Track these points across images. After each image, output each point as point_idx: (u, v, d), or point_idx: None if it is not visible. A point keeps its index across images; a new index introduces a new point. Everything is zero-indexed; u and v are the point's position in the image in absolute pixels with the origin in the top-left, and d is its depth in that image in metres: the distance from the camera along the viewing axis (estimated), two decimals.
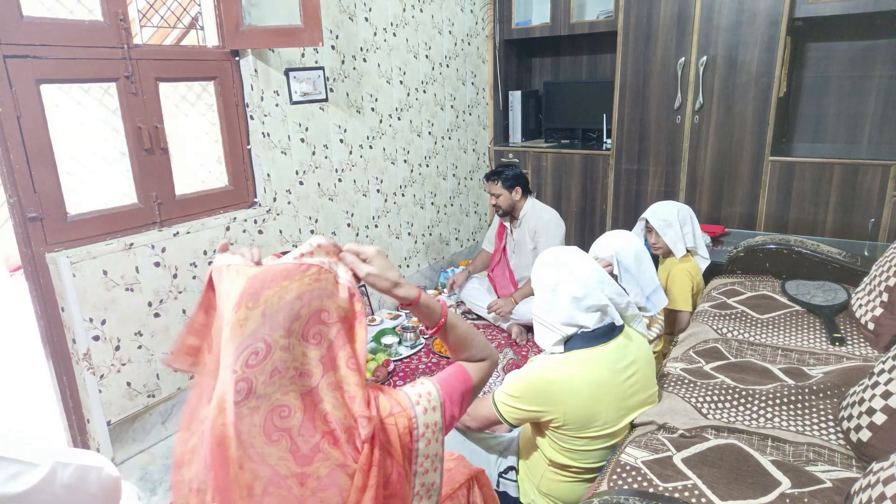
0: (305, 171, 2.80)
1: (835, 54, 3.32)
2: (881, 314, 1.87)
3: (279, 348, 0.85)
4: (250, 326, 0.84)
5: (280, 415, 0.86)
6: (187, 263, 2.30)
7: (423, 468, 1.03)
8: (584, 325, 1.46)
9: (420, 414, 1.01)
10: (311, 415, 0.88)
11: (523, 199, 3.13)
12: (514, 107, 4.21)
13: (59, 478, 0.95)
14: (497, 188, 3.07)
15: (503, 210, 3.12)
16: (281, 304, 0.85)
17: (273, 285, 0.86)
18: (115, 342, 2.09)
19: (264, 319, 0.84)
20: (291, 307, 0.86)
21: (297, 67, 2.67)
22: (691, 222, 2.50)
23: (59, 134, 2.00)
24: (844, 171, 3.01)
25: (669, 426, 1.47)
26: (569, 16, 3.76)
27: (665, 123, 3.46)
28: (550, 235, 3.03)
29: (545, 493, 1.59)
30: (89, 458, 1.04)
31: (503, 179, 3.05)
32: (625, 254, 1.93)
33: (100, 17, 2.04)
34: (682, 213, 2.49)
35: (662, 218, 2.47)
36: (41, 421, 2.38)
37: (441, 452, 1.05)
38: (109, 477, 1.06)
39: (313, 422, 0.88)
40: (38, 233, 1.94)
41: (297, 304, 0.86)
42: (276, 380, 0.85)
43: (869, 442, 1.32)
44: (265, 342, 0.84)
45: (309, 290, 0.88)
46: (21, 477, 0.91)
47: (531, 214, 3.10)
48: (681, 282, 2.45)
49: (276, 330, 0.85)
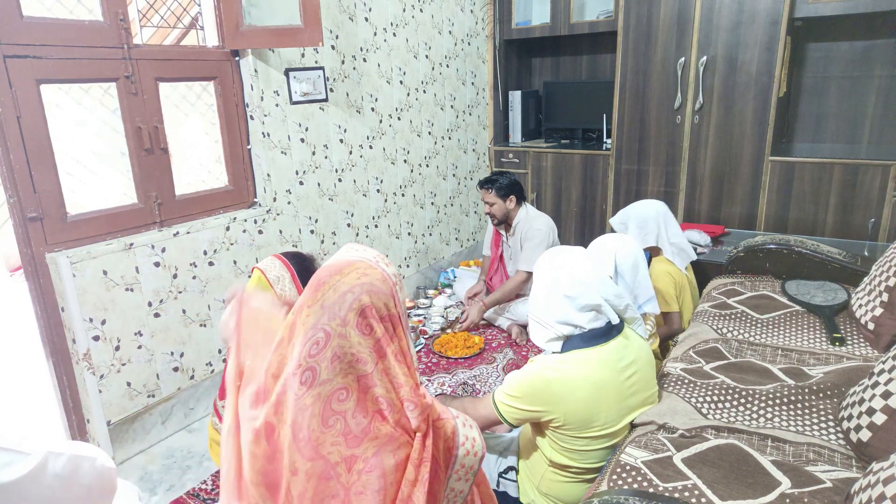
0: (305, 172, 2.80)
1: (835, 54, 3.32)
2: (881, 314, 1.87)
3: (336, 336, 0.96)
4: (312, 320, 0.97)
5: (338, 398, 0.96)
6: (187, 263, 2.30)
7: (457, 475, 1.10)
8: (578, 324, 1.46)
9: (460, 426, 1.11)
10: (363, 398, 0.98)
11: (517, 208, 3.08)
12: (514, 107, 4.21)
13: (52, 467, 0.94)
14: (491, 197, 3.03)
15: (497, 219, 3.08)
16: (335, 296, 0.98)
17: (328, 279, 1.00)
18: (115, 342, 2.09)
19: (322, 311, 0.97)
20: (344, 299, 0.97)
21: (297, 67, 2.67)
22: (657, 223, 2.50)
23: (59, 134, 2.00)
24: (844, 171, 3.01)
25: (669, 426, 1.47)
26: (569, 16, 3.76)
27: (665, 123, 3.46)
28: (535, 242, 2.97)
29: (545, 493, 1.59)
30: (83, 448, 1.03)
31: (497, 188, 3.01)
32: (622, 258, 1.92)
33: (100, 17, 2.04)
34: (642, 213, 2.51)
35: (619, 220, 2.57)
36: (41, 421, 2.38)
37: (477, 468, 1.12)
38: (104, 467, 1.04)
39: (365, 404, 0.98)
40: (38, 233, 1.94)
41: (350, 297, 0.98)
42: (336, 365, 0.96)
43: (869, 442, 1.32)
44: (324, 331, 0.96)
45: (359, 284, 0.99)
46: (12, 466, 0.90)
47: (525, 222, 3.06)
48: (664, 283, 2.46)
49: (333, 319, 0.96)
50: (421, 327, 3.17)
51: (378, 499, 0.97)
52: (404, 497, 0.98)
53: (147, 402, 2.22)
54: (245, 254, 2.53)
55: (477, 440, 1.12)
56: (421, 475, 1.00)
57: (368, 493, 0.97)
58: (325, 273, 1.01)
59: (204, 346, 2.40)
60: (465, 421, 1.13)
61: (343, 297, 0.97)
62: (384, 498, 0.97)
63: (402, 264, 3.60)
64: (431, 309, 3.43)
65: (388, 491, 0.98)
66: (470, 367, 2.79)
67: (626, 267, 1.92)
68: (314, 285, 1.01)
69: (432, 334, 3.13)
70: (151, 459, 2.20)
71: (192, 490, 2.01)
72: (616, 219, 2.59)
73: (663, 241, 2.52)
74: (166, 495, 2.00)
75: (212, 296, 2.41)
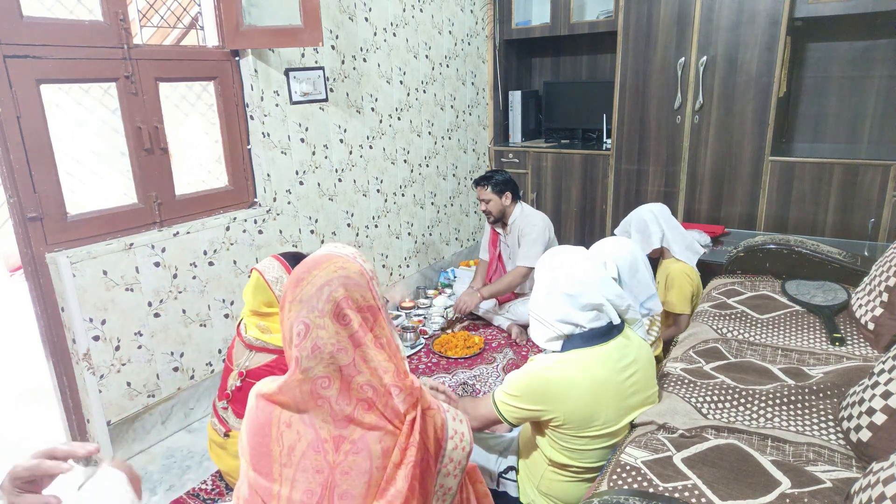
0: (305, 171, 2.80)
1: (835, 54, 3.32)
2: (881, 314, 1.87)
3: (315, 327, 1.00)
4: (293, 314, 1.02)
5: (321, 385, 1.01)
6: (187, 263, 2.30)
7: (445, 469, 1.11)
8: (579, 323, 1.46)
9: (449, 420, 1.13)
10: (346, 386, 1.02)
11: (513, 205, 3.08)
12: (514, 107, 4.21)
13: None
14: (487, 193, 3.03)
15: (494, 216, 3.08)
16: (313, 290, 1.02)
17: (306, 275, 1.04)
18: (115, 342, 2.09)
19: (301, 305, 1.02)
20: (321, 292, 1.02)
21: (297, 67, 2.67)
22: (657, 224, 2.52)
23: (59, 134, 2.00)
24: (844, 171, 3.01)
25: (669, 426, 1.47)
26: (569, 16, 3.76)
27: (665, 123, 3.46)
28: (532, 238, 2.97)
29: (545, 492, 1.59)
30: None
31: (493, 185, 3.02)
32: (619, 260, 1.91)
33: (100, 17, 2.04)
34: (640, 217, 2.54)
35: (622, 229, 2.60)
36: (41, 421, 2.38)
37: (465, 464, 1.14)
38: None
39: (349, 393, 1.02)
40: (38, 233, 1.94)
41: (326, 290, 1.02)
42: (316, 355, 1.00)
43: (869, 442, 1.32)
44: (304, 323, 1.01)
45: (335, 277, 1.03)
46: None
47: (521, 219, 3.06)
48: (679, 285, 2.45)
49: (311, 311, 1.01)
50: (421, 327, 3.17)
51: (363, 480, 1.00)
52: (388, 477, 1.01)
53: (147, 402, 2.22)
54: (245, 254, 2.53)
55: (465, 435, 1.14)
56: (406, 458, 1.02)
57: (354, 474, 1.00)
58: (303, 269, 1.06)
59: (204, 346, 2.40)
60: (455, 415, 1.15)
61: (320, 291, 1.02)
62: (370, 480, 1.00)
63: (402, 264, 3.60)
64: (431, 309, 3.43)
65: (373, 475, 1.01)
66: (470, 367, 2.79)
67: (623, 269, 1.91)
68: (293, 282, 1.05)
69: (432, 334, 3.13)
70: (151, 459, 2.20)
71: (192, 490, 2.01)
72: (619, 228, 2.63)
73: (668, 240, 2.53)
74: (166, 495, 2.00)
75: (212, 296, 2.41)
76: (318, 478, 1.00)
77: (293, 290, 1.04)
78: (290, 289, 1.05)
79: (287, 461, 1.01)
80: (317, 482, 1.00)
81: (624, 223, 2.61)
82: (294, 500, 1.00)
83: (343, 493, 1.00)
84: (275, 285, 1.82)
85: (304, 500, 1.00)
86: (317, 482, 1.00)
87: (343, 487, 1.00)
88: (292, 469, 1.01)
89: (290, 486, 1.01)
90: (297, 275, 1.06)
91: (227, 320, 2.48)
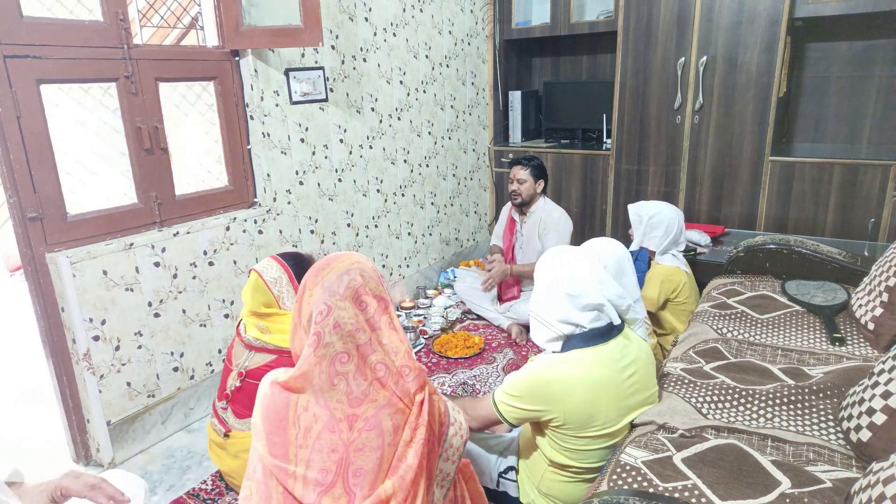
0: (305, 172, 2.80)
1: (835, 54, 3.32)
2: (881, 314, 1.87)
3: (336, 308, 1.11)
4: (315, 298, 1.13)
5: (340, 361, 1.11)
6: (187, 263, 2.30)
7: (445, 454, 1.21)
8: (579, 324, 1.46)
9: (450, 408, 1.23)
10: (363, 364, 1.13)
11: (540, 195, 3.13)
12: (514, 107, 4.21)
13: None
14: (524, 174, 3.05)
15: (522, 199, 3.08)
16: (334, 277, 1.14)
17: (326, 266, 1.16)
18: (115, 342, 2.09)
19: (323, 290, 1.13)
20: (341, 279, 1.14)
21: (297, 67, 2.67)
22: (667, 233, 2.51)
23: (58, 134, 2.00)
24: (844, 171, 3.01)
25: (669, 426, 1.47)
26: (569, 16, 3.76)
27: (665, 123, 3.46)
28: (560, 234, 3.02)
29: (545, 493, 1.59)
30: None
31: (532, 167, 3.05)
32: (607, 262, 1.90)
33: (100, 17, 2.04)
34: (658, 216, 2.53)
35: (636, 212, 2.60)
36: (41, 421, 2.38)
37: (462, 451, 1.24)
38: None
39: (364, 370, 1.12)
40: (38, 233, 1.94)
41: (346, 278, 1.14)
42: (337, 332, 1.11)
43: (869, 442, 1.32)
44: (326, 304, 1.12)
45: (354, 268, 1.16)
46: None
47: (542, 210, 3.09)
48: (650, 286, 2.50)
49: (333, 295, 1.12)
50: (421, 327, 3.17)
51: (376, 456, 1.08)
52: (400, 455, 1.11)
53: (147, 402, 2.22)
54: (245, 254, 2.53)
55: (463, 424, 1.25)
56: (416, 437, 1.12)
57: (367, 451, 1.08)
58: (322, 262, 1.18)
59: (204, 346, 2.40)
60: (453, 406, 1.27)
61: (340, 278, 1.14)
62: (382, 456, 1.09)
63: (402, 264, 3.60)
64: (431, 309, 3.43)
65: (385, 451, 1.09)
66: (470, 367, 2.79)
67: (610, 270, 1.90)
68: (314, 272, 1.16)
69: (432, 334, 3.13)
70: (151, 459, 2.20)
71: (192, 490, 2.01)
72: (635, 206, 2.62)
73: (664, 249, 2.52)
74: (166, 495, 2.00)
75: (212, 296, 2.41)
76: (334, 456, 1.07)
77: (314, 277, 1.15)
78: (311, 277, 1.16)
79: (303, 443, 1.08)
80: (332, 460, 1.07)
81: (646, 205, 2.59)
82: (309, 479, 1.07)
83: (357, 470, 1.07)
84: (273, 286, 1.82)
85: (318, 478, 1.06)
86: (332, 460, 1.07)
87: (357, 464, 1.07)
88: (308, 450, 1.07)
89: (306, 465, 1.07)
90: (316, 267, 1.17)
91: (226, 320, 2.48)
